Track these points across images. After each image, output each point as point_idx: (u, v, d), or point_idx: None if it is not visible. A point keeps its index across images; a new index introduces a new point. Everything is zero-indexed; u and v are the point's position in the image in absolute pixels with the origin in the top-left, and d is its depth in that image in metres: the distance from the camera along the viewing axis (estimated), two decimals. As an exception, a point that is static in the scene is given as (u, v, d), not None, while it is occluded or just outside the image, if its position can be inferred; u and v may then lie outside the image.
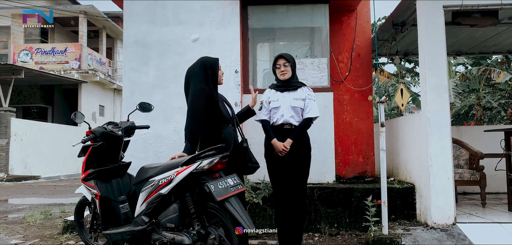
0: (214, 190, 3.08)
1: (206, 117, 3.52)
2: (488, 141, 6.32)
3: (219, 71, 3.74)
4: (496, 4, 4.74)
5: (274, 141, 3.80)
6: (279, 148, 3.77)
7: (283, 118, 3.83)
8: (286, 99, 3.85)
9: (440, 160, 4.64)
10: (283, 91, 3.90)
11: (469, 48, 7.63)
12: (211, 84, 3.61)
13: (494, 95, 20.19)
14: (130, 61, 5.32)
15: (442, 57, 4.73)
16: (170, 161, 3.46)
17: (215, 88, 3.66)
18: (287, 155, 3.78)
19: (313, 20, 5.86)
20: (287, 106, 3.83)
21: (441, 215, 4.61)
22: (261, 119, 3.96)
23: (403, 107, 5.81)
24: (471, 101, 20.33)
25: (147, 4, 5.35)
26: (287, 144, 3.75)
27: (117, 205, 3.81)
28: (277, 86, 3.95)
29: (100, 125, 3.90)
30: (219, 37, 5.28)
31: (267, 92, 4.01)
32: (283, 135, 3.81)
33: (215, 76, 3.65)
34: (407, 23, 5.76)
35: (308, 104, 3.84)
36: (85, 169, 3.88)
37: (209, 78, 3.62)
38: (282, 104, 3.85)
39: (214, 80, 3.64)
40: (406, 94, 5.63)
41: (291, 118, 3.82)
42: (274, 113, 3.88)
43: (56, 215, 6.57)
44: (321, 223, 4.98)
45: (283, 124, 3.83)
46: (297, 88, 3.90)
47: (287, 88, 3.89)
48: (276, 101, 3.87)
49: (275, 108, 3.86)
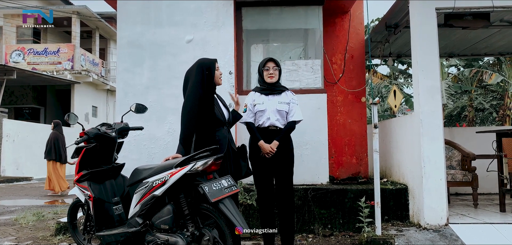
0: (208, 192, 3.08)
1: (198, 119, 3.55)
2: (480, 142, 6.36)
3: (217, 72, 3.74)
4: (488, 6, 4.78)
5: (261, 143, 3.88)
6: (266, 150, 3.86)
7: (270, 121, 3.92)
8: (272, 103, 3.95)
9: (433, 161, 4.68)
10: (268, 94, 3.99)
11: (461, 50, 7.69)
12: (206, 86, 3.63)
13: (486, 97, 20.38)
14: (124, 62, 5.30)
15: (435, 59, 4.76)
16: (164, 162, 3.46)
17: (211, 89, 3.68)
18: (273, 157, 3.89)
19: (307, 21, 5.88)
20: (273, 109, 3.93)
21: (434, 216, 4.64)
22: (246, 122, 4.02)
23: (396, 109, 5.84)
24: (463, 102, 20.49)
25: (141, 5, 5.34)
26: (274, 146, 3.86)
27: (110, 207, 3.80)
28: (262, 89, 4.03)
29: (93, 127, 3.88)
30: (213, 38, 5.28)
31: (251, 94, 4.09)
32: (269, 137, 3.91)
33: (212, 77, 3.66)
34: (400, 25, 5.79)
35: (292, 108, 3.96)
36: (78, 171, 3.87)
37: (205, 80, 3.64)
38: (267, 107, 3.94)
39: (210, 82, 3.66)
40: (399, 96, 5.66)
41: (276, 121, 3.93)
42: (260, 116, 3.96)
43: (48, 216, 6.53)
44: (314, 224, 5.00)
45: (269, 126, 3.92)
46: (281, 92, 4.01)
47: (272, 91, 3.99)
48: (261, 104, 3.96)
49: (261, 111, 3.95)
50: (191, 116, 3.59)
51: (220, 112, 3.75)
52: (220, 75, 3.80)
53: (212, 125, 3.61)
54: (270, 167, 3.93)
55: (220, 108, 3.78)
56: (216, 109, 3.70)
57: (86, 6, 19.43)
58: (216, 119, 3.66)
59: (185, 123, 3.64)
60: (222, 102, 3.87)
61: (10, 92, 18.64)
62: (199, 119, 3.55)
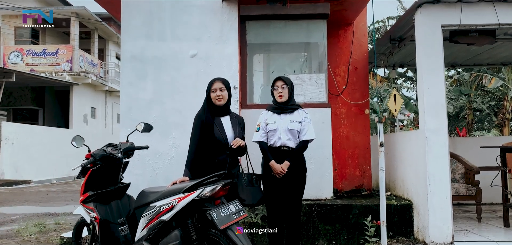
0: (216, 219, 3.08)
1: (197, 144, 3.65)
2: (483, 152, 6.34)
3: (212, 94, 3.73)
4: (494, 23, 4.78)
5: (272, 163, 3.87)
6: (277, 170, 3.84)
7: (281, 141, 3.90)
8: (283, 122, 3.92)
9: (438, 179, 4.67)
10: (280, 114, 3.96)
11: (464, 60, 7.70)
12: (206, 108, 3.72)
13: (485, 98, 20.43)
14: (128, 76, 5.27)
15: (440, 76, 4.76)
16: (171, 186, 3.44)
17: (212, 111, 3.71)
18: (284, 177, 3.86)
19: (311, 35, 5.87)
20: (284, 128, 3.90)
21: (439, 234, 4.64)
22: (258, 141, 3.99)
23: (396, 112, 5.83)
24: (462, 102, 20.53)
25: (145, 19, 5.30)
26: (285, 166, 3.84)
27: (116, 228, 3.77)
28: (274, 108, 4.01)
29: (99, 148, 3.86)
30: (217, 52, 5.25)
31: (264, 113, 4.07)
32: (280, 156, 3.88)
33: (209, 98, 3.74)
34: (405, 39, 5.79)
35: (305, 127, 3.92)
36: (84, 191, 3.84)
37: (205, 101, 3.75)
38: (279, 126, 3.91)
39: (209, 104, 3.73)
40: (399, 100, 5.64)
41: (288, 140, 3.90)
42: (272, 135, 3.94)
43: (50, 227, 6.50)
44: (319, 240, 4.99)
45: (281, 146, 3.90)
46: (293, 110, 3.97)
47: (284, 110, 3.96)
48: (273, 123, 3.94)
49: (273, 131, 3.93)
50: (192, 142, 3.70)
51: (222, 136, 3.71)
52: (217, 96, 3.73)
53: (211, 149, 3.64)
54: (281, 187, 3.90)
55: (223, 131, 3.74)
56: (218, 132, 3.69)
57: (85, 7, 19.34)
58: (216, 142, 3.65)
59: (189, 146, 3.71)
60: (233, 123, 3.82)
61: (9, 93, 18.54)
62: (199, 144, 3.64)
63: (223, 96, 3.74)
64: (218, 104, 3.75)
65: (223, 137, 3.70)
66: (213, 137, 3.65)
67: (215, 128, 3.70)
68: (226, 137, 3.73)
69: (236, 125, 3.81)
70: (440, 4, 4.79)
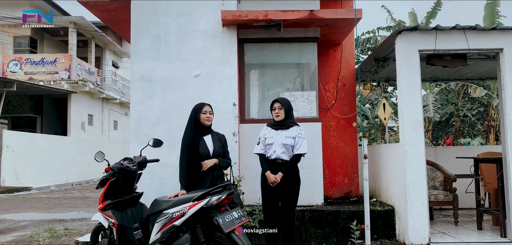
0: (222, 223, 3.62)
1: (185, 163, 4.27)
2: (462, 161, 6.89)
3: (203, 115, 4.38)
4: (464, 48, 5.38)
5: (267, 174, 4.46)
6: (271, 180, 4.42)
7: (276, 154, 4.48)
8: (279, 137, 4.50)
9: (416, 187, 5.24)
10: (277, 129, 4.55)
11: (445, 75, 8.27)
12: (193, 128, 4.35)
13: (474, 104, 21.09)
14: (137, 95, 5.80)
15: (417, 96, 5.33)
16: (182, 196, 3.98)
17: (198, 131, 4.35)
18: (279, 186, 4.43)
19: (303, 56, 6.45)
20: (279, 143, 4.48)
21: (417, 236, 5.20)
22: (258, 153, 4.56)
23: (385, 121, 6.32)
24: (450, 109, 21.16)
25: (153, 42, 5.84)
26: (278, 177, 4.41)
27: (131, 232, 4.30)
28: (272, 125, 4.60)
29: (117, 162, 4.38)
30: (218, 73, 5.80)
31: (264, 129, 4.67)
32: (276, 168, 4.47)
33: (197, 119, 4.35)
34: (388, 59, 6.36)
35: (298, 142, 4.48)
36: (103, 200, 4.36)
37: (192, 123, 4.38)
38: (275, 141, 4.50)
39: (197, 124, 4.36)
40: (388, 109, 6.13)
41: (282, 154, 4.47)
42: (269, 148, 4.53)
43: (61, 232, 6.97)
44: (311, 243, 5.53)
45: (276, 158, 4.48)
46: (289, 127, 4.54)
47: (280, 127, 4.54)
48: (270, 138, 4.53)
49: (270, 144, 4.53)
50: (181, 160, 4.34)
51: (206, 151, 4.35)
52: (207, 118, 4.40)
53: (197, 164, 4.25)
54: (276, 194, 4.47)
55: (207, 148, 4.37)
56: (202, 149, 4.34)
57: (83, 17, 19.78)
58: (202, 158, 4.30)
59: (180, 167, 4.36)
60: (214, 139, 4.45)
61: (7, 101, 18.87)
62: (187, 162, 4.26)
63: (211, 117, 4.43)
64: (207, 125, 4.41)
65: (206, 153, 4.35)
66: (198, 154, 4.28)
67: (200, 147, 4.33)
68: (209, 152, 4.38)
69: (216, 141, 4.45)
70: (417, 31, 5.38)
